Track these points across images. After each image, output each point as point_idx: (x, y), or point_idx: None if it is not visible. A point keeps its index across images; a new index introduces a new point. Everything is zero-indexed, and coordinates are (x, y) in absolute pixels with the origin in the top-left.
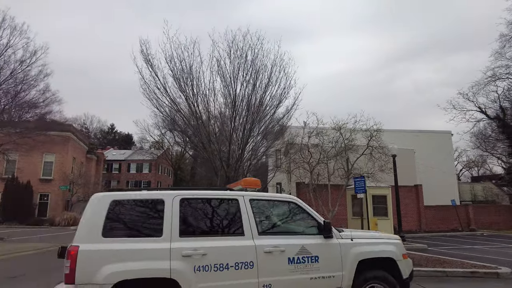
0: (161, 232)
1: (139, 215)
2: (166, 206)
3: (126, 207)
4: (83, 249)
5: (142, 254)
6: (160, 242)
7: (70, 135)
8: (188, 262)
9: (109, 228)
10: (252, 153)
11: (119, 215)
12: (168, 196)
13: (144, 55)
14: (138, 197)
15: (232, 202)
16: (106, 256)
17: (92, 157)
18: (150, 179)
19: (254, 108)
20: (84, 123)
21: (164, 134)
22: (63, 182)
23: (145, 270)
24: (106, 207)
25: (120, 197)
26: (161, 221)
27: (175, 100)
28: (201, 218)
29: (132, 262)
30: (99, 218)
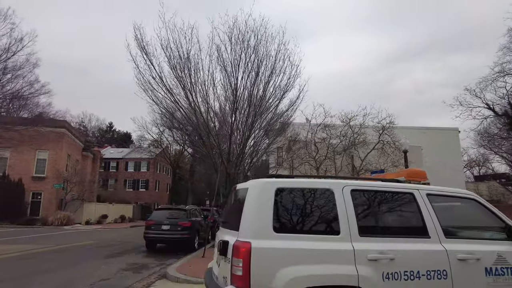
0: (337, 229)
1: (307, 207)
2: (336, 197)
3: (291, 196)
4: (256, 247)
5: (323, 256)
6: (340, 242)
7: (64, 132)
8: (375, 268)
9: (279, 222)
10: (254, 148)
11: (286, 206)
12: (336, 185)
13: (138, 41)
14: (303, 185)
15: (406, 196)
16: (283, 256)
17: (88, 155)
18: (148, 177)
19: (257, 99)
20: (82, 121)
21: (163, 132)
22: (56, 180)
23: (330, 276)
24: (272, 196)
25: (284, 185)
26: (334, 216)
27: (171, 90)
28: (376, 214)
29: (313, 265)
30: (267, 209)
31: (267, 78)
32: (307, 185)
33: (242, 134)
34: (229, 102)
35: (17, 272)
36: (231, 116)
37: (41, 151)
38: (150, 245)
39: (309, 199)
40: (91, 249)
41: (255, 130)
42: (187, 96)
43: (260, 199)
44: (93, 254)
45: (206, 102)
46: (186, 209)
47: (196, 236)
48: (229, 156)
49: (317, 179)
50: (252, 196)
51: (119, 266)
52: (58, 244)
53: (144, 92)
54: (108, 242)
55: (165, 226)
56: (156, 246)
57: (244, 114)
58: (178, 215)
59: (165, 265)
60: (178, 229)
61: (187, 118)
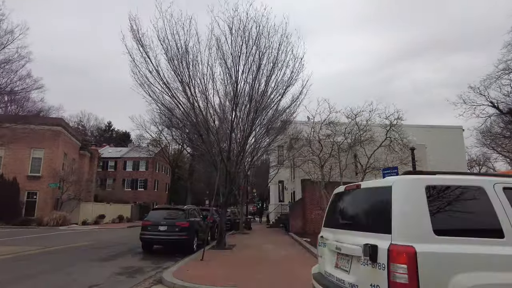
0: (499, 232)
1: (461, 207)
2: (490, 196)
3: (442, 194)
4: (422, 251)
5: (490, 262)
6: (506, 246)
7: (60, 130)
8: None
9: (437, 223)
10: (255, 146)
11: (439, 206)
12: (486, 183)
13: (133, 33)
14: (452, 182)
15: None
16: (450, 262)
17: (85, 154)
18: (147, 177)
19: (258, 94)
20: (81, 121)
21: (162, 131)
22: (52, 179)
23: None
24: (423, 195)
25: (433, 182)
26: (493, 217)
27: (169, 85)
28: None
29: (482, 272)
30: (421, 208)
31: (269, 72)
32: (457, 183)
33: (243, 131)
34: (229, 98)
35: (4, 275)
36: (231, 112)
37: (36, 149)
38: (147, 246)
39: (460, 197)
40: (85, 251)
41: (256, 127)
42: (185, 90)
43: (412, 198)
44: (86, 256)
45: (205, 97)
46: (184, 209)
47: (194, 237)
48: (229, 154)
49: (465, 176)
50: (401, 194)
51: (112, 270)
52: (52, 245)
53: (140, 86)
54: (104, 243)
55: (162, 227)
56: (153, 247)
57: (244, 111)
58: (176, 215)
59: (161, 269)
60: (176, 230)
61: (186, 114)
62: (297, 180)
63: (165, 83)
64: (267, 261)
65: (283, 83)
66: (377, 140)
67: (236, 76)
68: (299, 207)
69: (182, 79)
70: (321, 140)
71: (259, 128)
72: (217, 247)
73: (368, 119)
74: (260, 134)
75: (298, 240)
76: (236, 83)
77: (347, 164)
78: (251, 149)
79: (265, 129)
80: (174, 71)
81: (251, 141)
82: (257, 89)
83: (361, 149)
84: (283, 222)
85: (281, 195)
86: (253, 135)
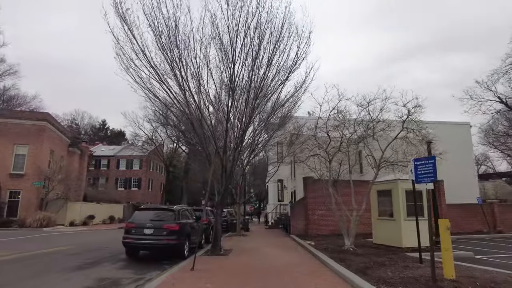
0: None
1: None
2: None
3: None
4: None
5: None
6: None
7: (46, 125)
8: None
9: None
10: (254, 139)
11: None
12: None
13: (116, 7)
14: None
15: None
16: None
17: (74, 151)
18: (141, 176)
19: (258, 78)
20: (74, 119)
21: (156, 129)
22: (37, 177)
23: None
24: None
25: None
26: None
27: (157, 68)
28: None
29: None
30: None
31: (270, 54)
32: None
33: (241, 122)
34: (225, 84)
35: None
36: (228, 99)
37: (20, 145)
38: (131, 252)
39: None
40: (59, 257)
41: (255, 117)
42: (175, 73)
43: None
44: (58, 264)
45: (198, 82)
46: (174, 210)
47: (186, 242)
48: (226, 147)
49: None
50: None
51: (82, 283)
52: (26, 250)
53: (125, 71)
54: (85, 248)
55: (148, 230)
56: (138, 253)
57: (242, 99)
58: (164, 216)
59: (143, 281)
60: (164, 234)
61: (177, 102)
62: (299, 178)
63: (153, 66)
64: (268, 270)
65: (286, 67)
66: (392, 131)
67: (233, 56)
68: (301, 207)
69: (172, 61)
70: (329, 132)
71: (259, 117)
72: (212, 253)
73: (381, 108)
74: (260, 126)
75: (301, 243)
76: (233, 63)
77: (356, 160)
78: (250, 142)
79: (266, 120)
80: (162, 48)
81: (250, 134)
82: (257, 72)
83: (373, 142)
84: (283, 223)
85: (280, 195)
86: (252, 127)
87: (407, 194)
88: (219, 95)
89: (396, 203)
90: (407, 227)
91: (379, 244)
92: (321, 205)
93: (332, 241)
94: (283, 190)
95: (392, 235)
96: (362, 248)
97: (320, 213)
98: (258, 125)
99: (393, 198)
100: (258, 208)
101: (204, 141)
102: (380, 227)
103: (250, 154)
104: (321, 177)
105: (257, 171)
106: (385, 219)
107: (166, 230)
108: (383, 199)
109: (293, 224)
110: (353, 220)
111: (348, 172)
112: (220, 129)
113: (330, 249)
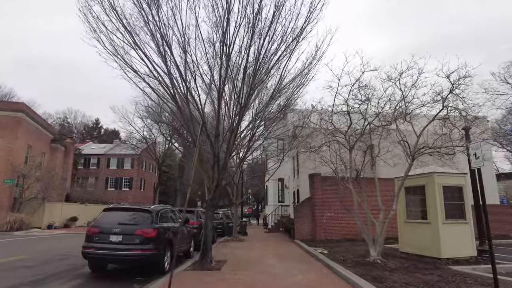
0: None
1: None
2: None
3: None
4: None
5: None
6: None
7: (22, 117)
8: None
9: None
10: (255, 122)
11: None
12: None
13: None
14: None
15: None
16: None
17: (57, 147)
18: (132, 175)
19: (260, 42)
20: (66, 117)
21: (147, 125)
22: (9, 174)
23: None
24: None
25: None
26: None
27: (133, 32)
28: None
29: None
30: None
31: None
32: None
33: (238, 96)
34: (217, 50)
35: None
36: (219, 68)
37: None
38: (95, 265)
39: None
40: (2, 271)
41: (256, 89)
42: (154, 35)
43: None
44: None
45: (183, 47)
46: (151, 210)
47: (166, 252)
48: (218, 128)
49: None
50: None
51: None
52: None
53: (92, 33)
54: (45, 257)
55: (116, 236)
56: (106, 265)
57: (240, 68)
58: (138, 219)
59: None
60: (136, 242)
61: (156, 73)
62: (303, 176)
63: (124, 25)
64: None
65: (296, 31)
66: (429, 111)
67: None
68: (307, 208)
69: (148, 18)
70: (350, 111)
71: (262, 93)
72: (199, 266)
73: (414, 83)
74: (262, 104)
75: (310, 251)
76: (227, 10)
77: (380, 149)
78: (252, 125)
79: (270, 98)
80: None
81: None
82: (260, 32)
83: (409, 122)
84: (285, 226)
85: (281, 195)
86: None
87: (446, 191)
88: (211, 68)
89: (432, 202)
90: (446, 232)
91: (408, 253)
92: (330, 205)
93: (347, 248)
94: (283, 190)
95: (425, 243)
96: (390, 259)
97: (329, 215)
98: (260, 103)
99: (427, 196)
100: (256, 210)
101: (191, 122)
102: (409, 232)
103: (250, 139)
104: (336, 171)
105: (256, 168)
106: (415, 222)
107: (139, 237)
108: (412, 198)
109: (298, 227)
110: (379, 224)
111: (370, 166)
112: (211, 109)
113: (351, 260)
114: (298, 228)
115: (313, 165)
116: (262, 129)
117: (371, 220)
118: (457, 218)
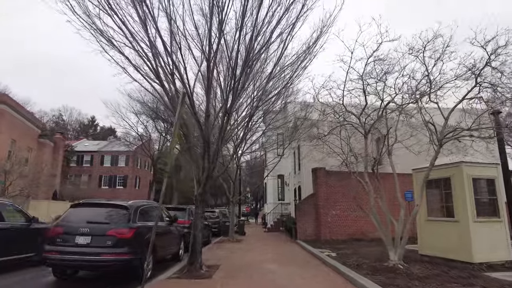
0: None
1: None
2: None
3: None
4: None
5: None
6: None
7: (5, 109)
8: None
9: None
10: (254, 103)
11: None
12: None
13: None
14: None
15: None
16: None
17: (45, 142)
18: (127, 173)
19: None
20: (61, 115)
21: (144, 123)
22: None
23: None
24: None
25: None
26: None
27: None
28: None
29: None
30: None
31: None
32: None
33: (233, 67)
34: None
35: None
36: (209, 27)
37: None
38: (59, 272)
39: None
40: None
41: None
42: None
43: None
44: None
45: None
46: (127, 206)
47: (148, 256)
48: (208, 106)
49: None
50: None
51: None
52: None
53: (80, 20)
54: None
55: (83, 237)
56: (77, 272)
57: (234, 34)
58: (112, 217)
59: None
60: (108, 244)
61: (133, 40)
62: (305, 171)
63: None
64: None
65: None
66: (458, 91)
67: None
68: (310, 206)
69: None
70: (366, 89)
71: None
72: (187, 272)
73: (439, 57)
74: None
75: (316, 254)
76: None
77: (397, 136)
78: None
79: (277, 61)
80: None
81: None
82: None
83: (434, 103)
84: (286, 225)
85: (281, 193)
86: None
87: (475, 185)
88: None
89: (460, 196)
90: (478, 232)
91: (430, 256)
92: (336, 202)
93: (356, 250)
94: (283, 187)
95: (451, 244)
96: (412, 264)
97: (335, 213)
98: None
99: (454, 190)
100: (254, 208)
101: (175, 93)
102: (431, 231)
103: (247, 125)
104: (347, 163)
105: (254, 165)
106: (439, 220)
107: (112, 239)
108: (434, 192)
109: (300, 227)
110: (399, 224)
111: (387, 155)
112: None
113: (366, 265)
114: (301, 227)
115: (320, 156)
116: (261, 114)
117: (389, 218)
118: (490, 215)
